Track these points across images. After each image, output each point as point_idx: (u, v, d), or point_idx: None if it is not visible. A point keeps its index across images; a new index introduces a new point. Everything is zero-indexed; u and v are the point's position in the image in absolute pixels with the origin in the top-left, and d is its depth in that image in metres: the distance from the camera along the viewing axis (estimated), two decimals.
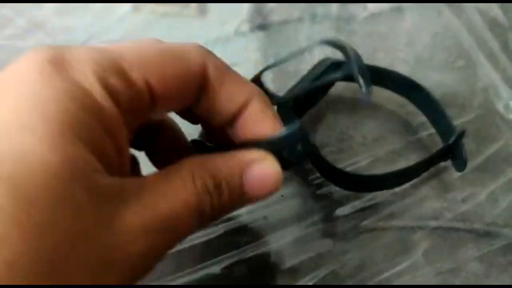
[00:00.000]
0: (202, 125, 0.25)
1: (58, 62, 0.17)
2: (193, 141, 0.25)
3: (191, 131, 0.25)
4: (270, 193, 0.20)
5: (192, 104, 0.21)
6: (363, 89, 0.21)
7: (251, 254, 0.27)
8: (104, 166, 0.17)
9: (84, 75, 0.17)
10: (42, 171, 0.15)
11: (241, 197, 0.20)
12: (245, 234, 0.27)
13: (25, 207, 0.14)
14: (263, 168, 0.20)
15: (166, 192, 0.18)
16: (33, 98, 0.16)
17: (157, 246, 0.17)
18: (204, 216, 0.19)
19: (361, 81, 0.21)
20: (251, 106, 0.21)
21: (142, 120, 0.20)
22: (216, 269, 0.26)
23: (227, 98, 0.21)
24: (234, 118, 0.21)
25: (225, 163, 0.19)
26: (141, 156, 0.24)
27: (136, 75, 0.18)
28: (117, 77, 0.18)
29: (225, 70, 0.21)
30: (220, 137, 0.23)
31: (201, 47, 0.20)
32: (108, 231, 0.16)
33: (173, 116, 0.24)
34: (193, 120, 0.24)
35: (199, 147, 0.25)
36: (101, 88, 0.17)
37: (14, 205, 0.14)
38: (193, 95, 0.20)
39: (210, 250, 0.27)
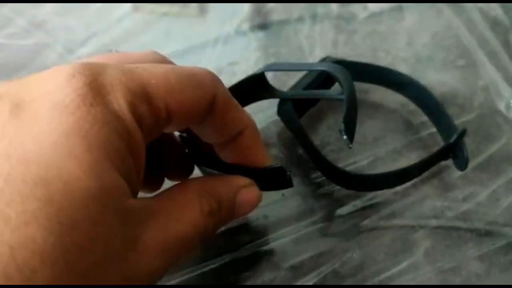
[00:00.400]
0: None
1: (96, 88, 0.18)
2: (182, 137, 0.26)
3: None
4: (250, 211, 0.24)
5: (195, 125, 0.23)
6: (345, 138, 0.25)
7: (252, 253, 0.27)
8: (130, 188, 0.18)
9: (117, 101, 0.18)
10: (82, 197, 0.16)
11: (232, 215, 0.23)
12: (246, 233, 0.27)
13: (69, 231, 0.15)
14: (250, 192, 0.24)
15: (176, 216, 0.20)
16: (78, 126, 0.17)
17: (167, 263, 0.19)
18: (207, 234, 0.21)
19: (344, 129, 0.24)
20: (246, 133, 0.23)
21: (154, 138, 0.21)
22: (216, 268, 0.26)
23: (230, 123, 0.23)
24: (229, 141, 0.23)
25: (225, 188, 0.23)
26: None
27: (160, 102, 0.19)
28: (144, 104, 0.19)
29: (230, 97, 0.23)
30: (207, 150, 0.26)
31: (211, 73, 0.22)
32: (132, 253, 0.17)
33: None
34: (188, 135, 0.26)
35: (187, 143, 0.26)
36: (130, 114, 0.18)
37: (60, 229, 0.15)
38: (201, 118, 0.22)
39: (210, 249, 0.27)
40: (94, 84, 0.18)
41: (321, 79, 0.31)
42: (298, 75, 0.32)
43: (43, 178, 0.15)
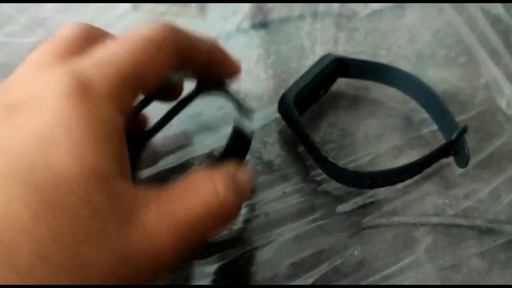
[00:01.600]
0: None
1: (79, 84, 0.19)
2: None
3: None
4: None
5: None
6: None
7: (253, 250, 0.27)
8: (123, 171, 0.19)
9: (100, 93, 0.19)
10: (66, 180, 0.17)
11: (246, 194, 0.23)
12: (247, 230, 0.27)
13: (53, 210, 0.16)
14: (244, 173, 0.23)
15: (184, 200, 0.20)
16: (61, 118, 0.18)
17: (176, 245, 0.19)
18: (229, 216, 0.21)
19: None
20: (214, 52, 0.25)
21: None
22: (217, 265, 0.26)
23: (198, 55, 0.24)
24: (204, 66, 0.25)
25: (233, 172, 0.22)
26: None
27: (138, 85, 0.21)
28: (123, 88, 0.20)
29: (188, 34, 0.24)
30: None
31: (165, 28, 0.22)
32: (127, 228, 0.18)
33: None
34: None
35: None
36: (113, 102, 0.19)
37: (44, 208, 0.16)
38: (165, 73, 0.23)
39: (211, 246, 0.27)
40: (77, 81, 0.19)
41: (322, 76, 0.31)
42: (299, 73, 0.32)
43: (27, 166, 0.17)
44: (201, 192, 0.20)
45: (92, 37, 0.22)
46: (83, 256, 0.16)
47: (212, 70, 0.26)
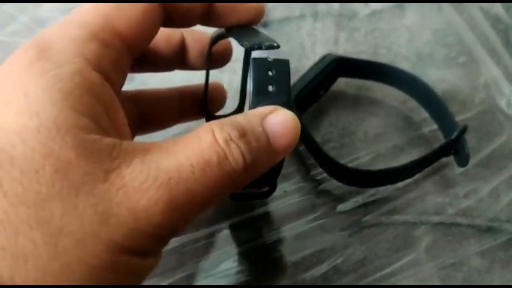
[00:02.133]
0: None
1: (37, 48, 0.17)
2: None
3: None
4: (293, 141, 0.19)
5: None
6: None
7: (254, 249, 0.27)
8: (100, 128, 0.17)
9: (59, 51, 0.18)
10: (19, 135, 0.16)
11: (269, 147, 0.19)
12: (248, 229, 0.27)
13: (4, 166, 0.15)
14: (279, 115, 0.19)
15: (175, 150, 0.17)
16: (19, 82, 0.17)
17: (167, 201, 0.16)
18: (234, 172, 0.18)
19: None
20: None
21: (125, 69, 0.20)
22: (216, 263, 0.26)
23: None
24: (205, 10, 0.22)
25: (243, 118, 0.19)
26: None
27: (107, 34, 0.19)
28: (90, 43, 0.18)
29: None
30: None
31: None
32: (102, 185, 0.16)
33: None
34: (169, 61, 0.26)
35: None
36: (78, 58, 0.18)
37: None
38: (156, 21, 0.21)
39: (212, 245, 0.27)
40: (35, 46, 0.18)
41: (322, 76, 0.31)
42: (300, 73, 0.32)
43: None
44: (196, 140, 0.17)
45: None
46: (50, 214, 0.15)
47: (218, 17, 0.22)
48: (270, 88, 0.20)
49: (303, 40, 0.37)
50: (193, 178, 0.17)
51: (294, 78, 0.31)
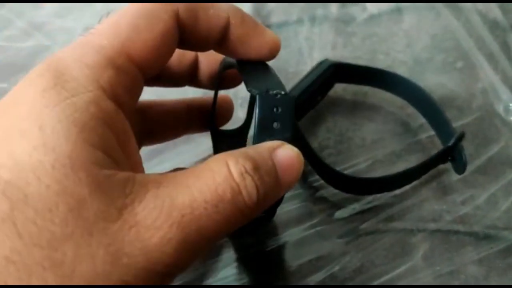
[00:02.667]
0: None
1: (51, 74, 0.17)
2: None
3: None
4: (297, 177, 0.20)
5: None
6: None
7: (251, 256, 0.27)
8: (112, 161, 0.17)
9: (74, 79, 0.17)
10: (34, 171, 0.15)
11: (278, 182, 0.19)
12: (245, 236, 0.27)
13: (19, 205, 0.15)
14: (287, 150, 0.19)
15: (188, 184, 0.17)
16: (32, 111, 0.16)
17: (179, 238, 0.16)
18: (246, 207, 0.17)
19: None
20: (232, 22, 0.21)
21: (139, 93, 0.20)
22: (215, 271, 0.26)
23: (206, 23, 0.21)
24: (220, 38, 0.21)
25: (254, 150, 0.19)
26: None
27: (126, 63, 0.18)
28: (107, 70, 0.18)
29: (196, 6, 0.21)
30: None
31: None
32: (115, 223, 0.15)
33: None
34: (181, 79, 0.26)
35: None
36: (93, 86, 0.17)
37: (9, 205, 0.15)
38: (172, 46, 0.20)
39: (209, 252, 0.27)
40: (50, 70, 0.17)
41: (319, 82, 0.31)
42: (297, 78, 0.32)
43: None
44: (210, 174, 0.17)
45: None
46: (62, 255, 0.15)
47: (237, 46, 0.22)
48: (275, 125, 0.20)
49: (301, 45, 0.37)
50: (205, 215, 0.16)
51: (291, 84, 0.31)
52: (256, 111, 0.20)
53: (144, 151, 0.27)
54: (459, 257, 0.27)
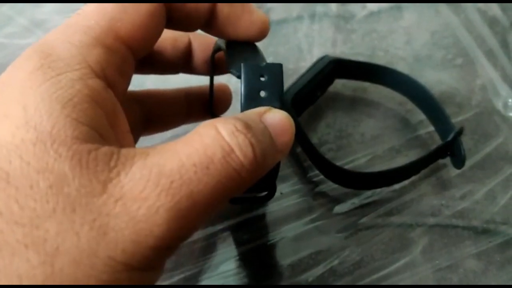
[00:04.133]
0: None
1: (38, 55, 0.17)
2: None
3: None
4: (291, 139, 0.19)
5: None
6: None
7: (250, 251, 0.27)
8: (100, 136, 0.17)
9: (60, 58, 0.17)
10: (16, 150, 0.15)
11: (273, 143, 0.18)
12: (245, 231, 0.28)
13: (4, 187, 0.15)
14: (275, 113, 0.19)
15: (176, 150, 0.16)
16: (16, 92, 0.16)
17: (169, 208, 0.15)
18: (242, 166, 0.16)
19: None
20: (222, 4, 0.21)
21: (130, 73, 0.20)
22: (215, 266, 0.26)
23: (195, 3, 0.21)
24: (208, 17, 0.21)
25: (243, 115, 0.18)
26: None
27: (111, 39, 0.18)
28: (96, 51, 0.18)
29: None
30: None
31: None
32: (99, 198, 0.15)
33: None
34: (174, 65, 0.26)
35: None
36: (80, 65, 0.17)
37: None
38: (161, 25, 0.20)
39: (209, 247, 0.27)
40: (37, 52, 0.17)
41: (319, 77, 0.31)
42: (296, 74, 0.32)
43: None
44: (198, 138, 0.16)
45: None
46: (44, 233, 0.14)
47: (219, 25, 0.22)
48: (262, 93, 0.20)
49: (301, 42, 0.37)
50: (196, 179, 0.16)
51: (291, 80, 0.31)
52: (242, 80, 0.20)
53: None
54: (458, 251, 0.27)
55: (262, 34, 0.22)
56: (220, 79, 0.28)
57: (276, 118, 0.19)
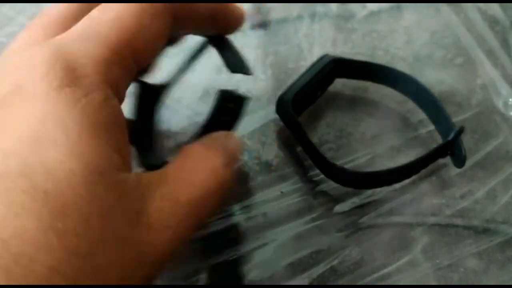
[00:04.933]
0: None
1: (64, 68, 0.17)
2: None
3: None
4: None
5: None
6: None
7: (250, 250, 0.27)
8: (123, 161, 0.17)
9: (87, 74, 0.17)
10: (67, 180, 0.15)
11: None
12: (245, 230, 0.27)
13: (59, 216, 0.15)
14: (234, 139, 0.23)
15: (185, 179, 0.19)
16: (52, 110, 0.16)
17: (183, 231, 0.18)
18: (227, 192, 0.20)
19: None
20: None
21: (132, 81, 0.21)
22: (215, 265, 0.26)
23: (195, 13, 0.22)
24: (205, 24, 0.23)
25: (222, 144, 0.21)
26: None
27: (130, 59, 0.19)
28: (117, 68, 0.18)
29: None
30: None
31: None
32: (136, 228, 0.17)
33: None
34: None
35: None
36: (104, 84, 0.17)
37: (50, 215, 0.15)
38: (167, 38, 0.21)
39: (209, 246, 0.27)
40: (61, 65, 0.17)
41: (319, 77, 0.31)
42: (297, 74, 0.32)
43: (24, 169, 0.15)
44: (200, 171, 0.19)
45: (82, 13, 0.20)
46: (98, 261, 0.15)
47: (214, 25, 0.23)
48: (224, 117, 0.24)
49: (301, 42, 0.37)
50: (201, 204, 0.19)
51: (291, 79, 0.31)
52: (213, 104, 0.23)
53: None
54: (458, 251, 0.27)
55: (237, 25, 0.25)
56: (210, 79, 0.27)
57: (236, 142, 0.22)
